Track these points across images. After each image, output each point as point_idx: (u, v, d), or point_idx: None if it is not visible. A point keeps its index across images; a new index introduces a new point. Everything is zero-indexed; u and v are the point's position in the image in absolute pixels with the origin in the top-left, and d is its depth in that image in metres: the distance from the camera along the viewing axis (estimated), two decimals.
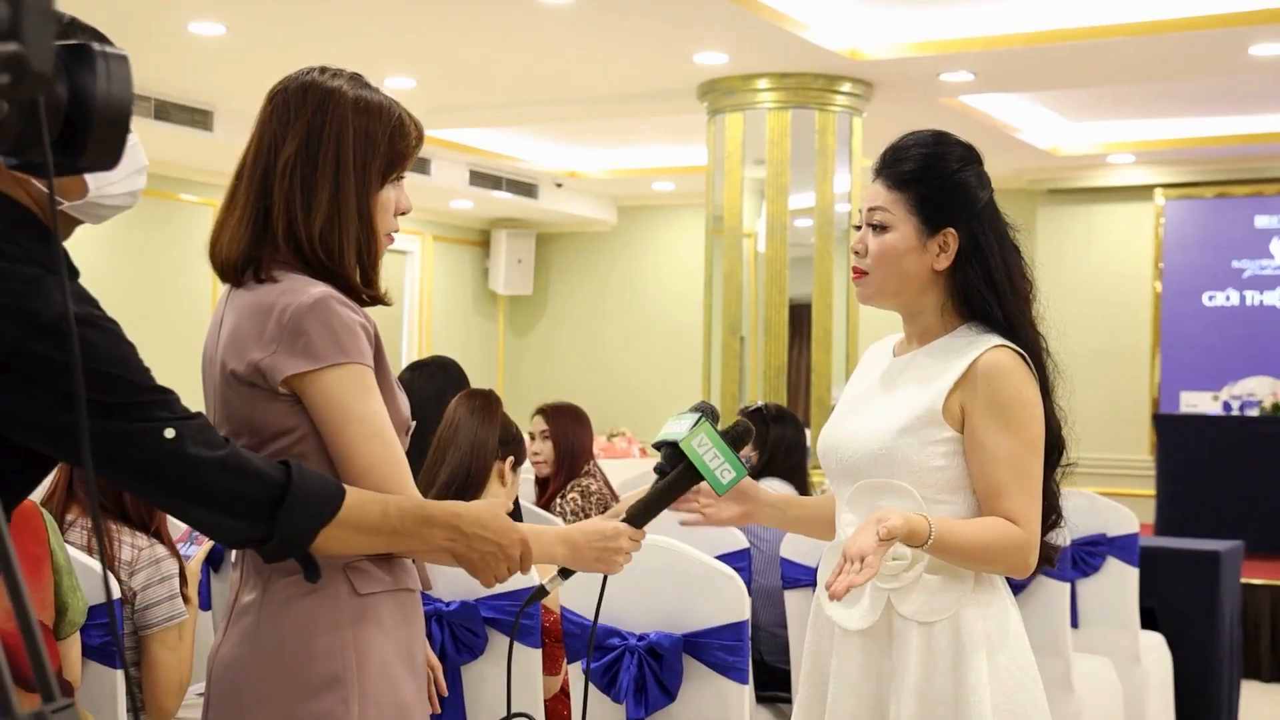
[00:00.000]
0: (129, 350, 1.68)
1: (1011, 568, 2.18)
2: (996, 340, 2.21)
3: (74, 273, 1.72)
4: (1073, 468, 2.32)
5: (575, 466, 4.64)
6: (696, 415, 2.12)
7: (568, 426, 4.67)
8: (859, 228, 2.31)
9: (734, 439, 2.12)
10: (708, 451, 2.08)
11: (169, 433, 1.65)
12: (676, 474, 2.10)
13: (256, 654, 1.89)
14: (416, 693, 1.96)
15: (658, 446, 2.14)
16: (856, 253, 2.30)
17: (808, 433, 4.81)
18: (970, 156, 2.30)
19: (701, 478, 2.09)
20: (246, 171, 1.97)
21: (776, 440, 4.54)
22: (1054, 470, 2.27)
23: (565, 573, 2.07)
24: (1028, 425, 2.17)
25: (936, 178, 2.25)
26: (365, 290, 1.97)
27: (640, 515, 2.08)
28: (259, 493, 1.73)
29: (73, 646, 2.73)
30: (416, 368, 4.26)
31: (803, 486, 4.48)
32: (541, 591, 2.10)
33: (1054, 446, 2.26)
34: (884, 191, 2.27)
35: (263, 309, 1.89)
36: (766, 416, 4.58)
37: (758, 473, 4.39)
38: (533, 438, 4.67)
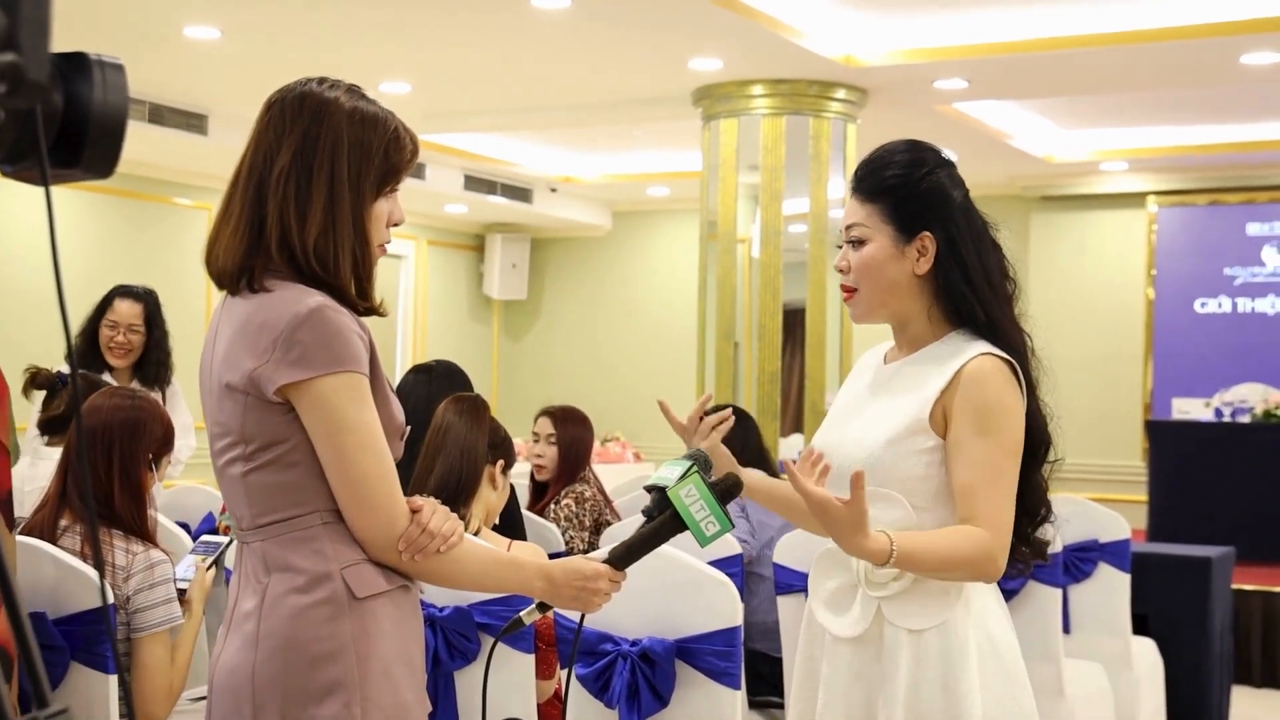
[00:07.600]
0: None
1: (977, 575, 2.16)
2: (983, 348, 2.22)
3: None
4: (1060, 463, 2.32)
5: (575, 472, 4.55)
6: (689, 463, 2.11)
7: (574, 431, 4.55)
8: (841, 247, 2.33)
9: (723, 492, 2.10)
10: (695, 503, 2.07)
11: None
12: (661, 521, 2.09)
13: (258, 660, 1.90)
14: (417, 692, 1.98)
15: (649, 489, 2.13)
16: (841, 270, 2.31)
17: (800, 438, 4.79)
18: (940, 160, 2.32)
19: (686, 527, 2.08)
20: (242, 181, 1.96)
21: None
22: (1040, 466, 2.28)
23: (544, 606, 2.09)
24: (1006, 430, 2.18)
25: (907, 185, 2.27)
26: (361, 303, 1.96)
27: (622, 558, 2.09)
28: None
29: None
30: (420, 370, 4.15)
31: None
32: (518, 623, 2.12)
33: (1040, 443, 2.27)
34: (858, 206, 2.30)
35: (257, 319, 1.89)
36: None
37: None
38: (536, 439, 4.58)
